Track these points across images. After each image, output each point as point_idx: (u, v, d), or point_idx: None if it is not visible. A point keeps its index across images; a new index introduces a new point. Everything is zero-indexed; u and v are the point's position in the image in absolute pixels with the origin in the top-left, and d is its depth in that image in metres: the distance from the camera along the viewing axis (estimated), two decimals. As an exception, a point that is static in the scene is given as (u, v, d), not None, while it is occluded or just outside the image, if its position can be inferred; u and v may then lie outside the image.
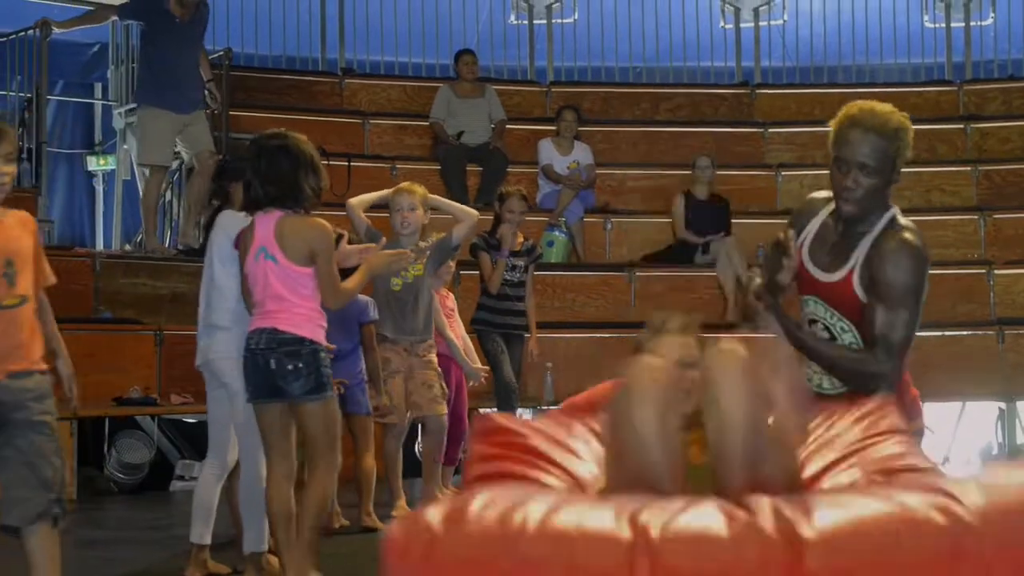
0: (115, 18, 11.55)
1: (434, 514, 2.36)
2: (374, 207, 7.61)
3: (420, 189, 7.48)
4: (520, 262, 8.86)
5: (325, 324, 5.10)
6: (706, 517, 2.36)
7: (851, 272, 4.18)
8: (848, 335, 4.18)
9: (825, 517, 2.31)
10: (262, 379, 5.00)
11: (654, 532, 2.30)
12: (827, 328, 4.20)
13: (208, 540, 5.65)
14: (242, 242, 5.18)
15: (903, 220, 4.25)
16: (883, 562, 2.26)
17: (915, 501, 2.35)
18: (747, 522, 2.33)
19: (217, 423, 5.65)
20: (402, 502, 7.40)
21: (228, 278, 5.45)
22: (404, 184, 7.64)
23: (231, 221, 5.52)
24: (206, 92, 10.77)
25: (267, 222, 5.04)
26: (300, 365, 4.94)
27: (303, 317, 4.99)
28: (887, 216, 4.24)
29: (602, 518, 2.34)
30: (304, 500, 5.03)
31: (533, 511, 2.35)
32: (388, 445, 7.37)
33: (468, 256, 8.92)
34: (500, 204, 8.94)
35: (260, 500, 5.33)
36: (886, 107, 4.27)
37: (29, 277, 4.67)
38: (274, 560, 5.45)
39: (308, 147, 5.13)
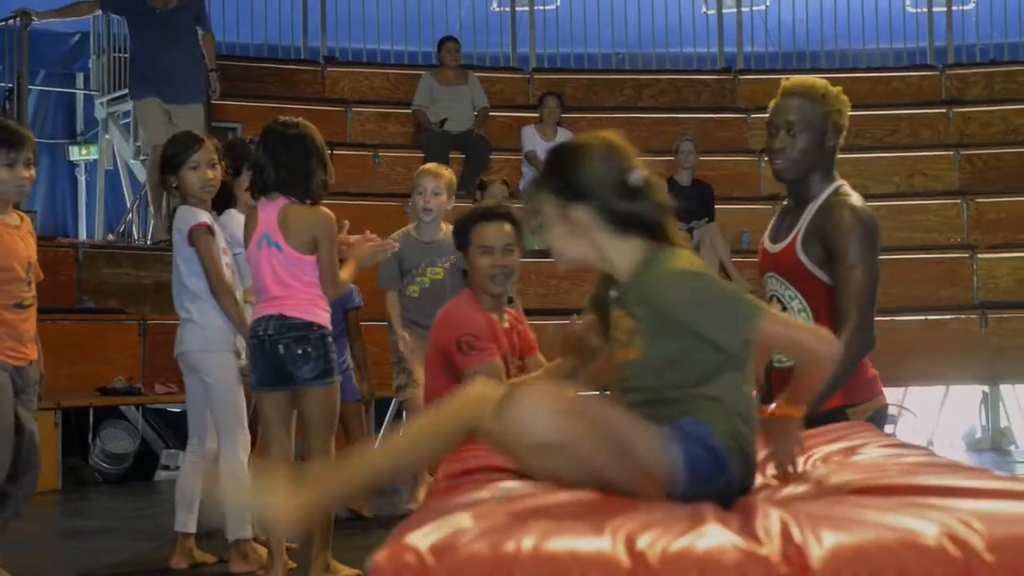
0: (98, 12, 11.52)
1: (422, 541, 2.25)
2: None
3: (447, 173, 7.19)
4: None
5: (329, 309, 5.14)
6: (708, 541, 2.27)
7: (795, 239, 4.23)
8: (796, 302, 4.22)
9: (836, 544, 2.22)
10: (271, 365, 5.02)
11: (652, 558, 2.21)
12: (780, 301, 4.24)
13: (193, 528, 5.65)
14: (245, 229, 5.21)
15: (849, 191, 4.27)
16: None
17: (930, 529, 2.26)
18: (752, 548, 2.24)
19: (195, 411, 5.68)
20: (423, 492, 7.19)
21: (191, 274, 5.51)
22: (430, 165, 7.35)
23: (184, 217, 5.57)
24: (207, 82, 10.70)
25: (271, 209, 5.06)
26: (309, 350, 5.00)
27: (309, 302, 5.03)
28: (832, 187, 4.28)
29: (598, 543, 2.25)
30: None
31: (526, 537, 2.26)
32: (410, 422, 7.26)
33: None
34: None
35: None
36: (817, 79, 4.32)
37: (36, 278, 5.09)
38: (260, 549, 5.46)
39: (321, 139, 5.18)
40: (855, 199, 4.23)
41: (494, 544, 2.25)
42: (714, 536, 2.30)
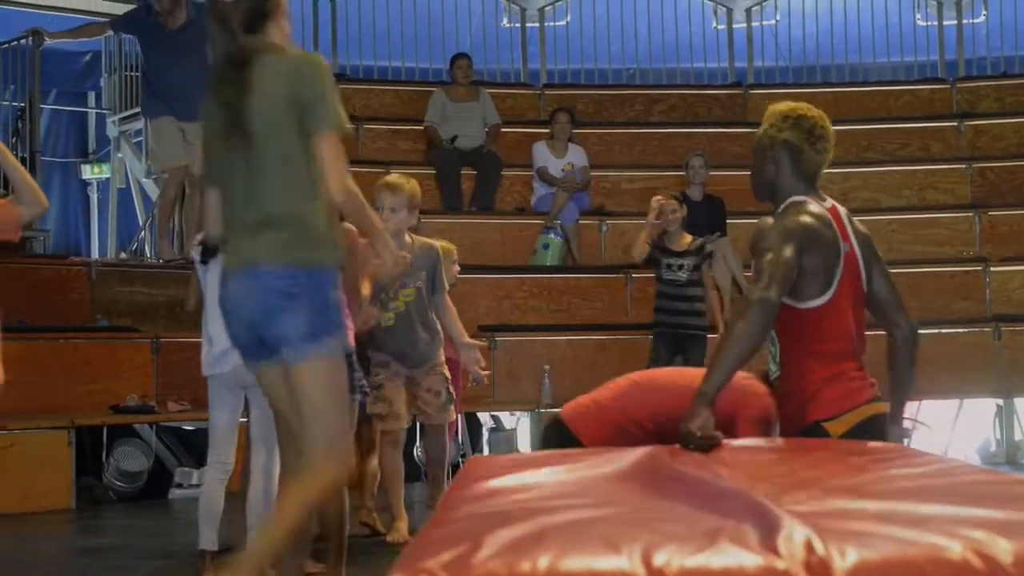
0: (109, 33, 11.57)
1: (437, 562, 2.26)
2: None
3: (408, 186, 6.51)
4: (685, 262, 9.18)
5: (352, 327, 5.13)
6: (727, 557, 2.26)
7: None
8: None
9: (860, 559, 2.22)
10: None
11: (671, 574, 2.21)
12: None
13: (216, 546, 5.64)
14: None
15: (799, 208, 4.30)
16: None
17: (955, 543, 2.27)
18: (772, 563, 2.23)
19: (227, 429, 5.66)
20: (403, 524, 6.72)
21: None
22: (391, 178, 6.71)
23: None
24: None
25: None
26: None
27: None
28: (785, 203, 4.35)
29: (615, 561, 2.24)
30: (323, 507, 5.04)
31: (542, 555, 2.26)
32: (386, 456, 6.79)
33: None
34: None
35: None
36: (780, 105, 4.44)
37: None
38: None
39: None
40: (791, 215, 4.26)
41: (509, 563, 2.25)
42: (733, 551, 2.28)
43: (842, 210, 4.46)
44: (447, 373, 6.94)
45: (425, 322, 6.76)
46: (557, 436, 5.41)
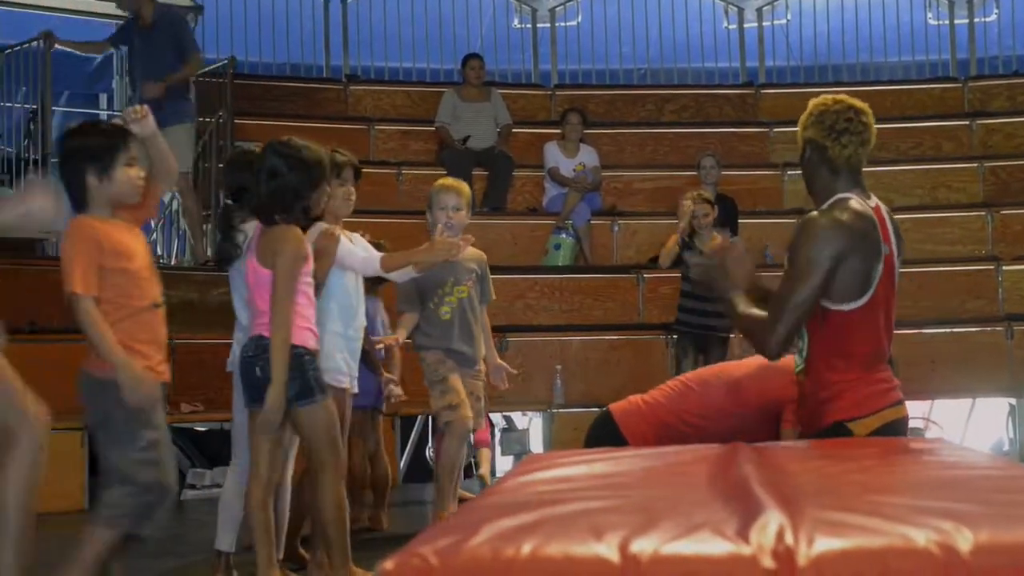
0: (110, 50, 11.63)
1: (429, 546, 2.40)
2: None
3: (466, 187, 6.78)
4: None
5: (310, 326, 4.96)
6: (699, 544, 2.37)
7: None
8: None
9: (826, 547, 2.32)
10: (254, 386, 4.91)
11: (644, 559, 2.31)
12: None
13: (233, 548, 5.63)
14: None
15: (845, 204, 4.30)
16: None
17: (920, 533, 2.35)
18: (740, 550, 2.33)
19: (244, 432, 5.65)
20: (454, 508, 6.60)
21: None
22: (449, 180, 6.89)
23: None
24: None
25: (259, 229, 5.05)
26: None
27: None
28: (829, 202, 4.36)
29: (593, 547, 2.37)
30: (319, 507, 5.02)
31: (527, 542, 2.41)
32: (453, 447, 6.59)
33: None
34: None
35: (285, 508, 5.40)
36: (820, 97, 4.55)
37: None
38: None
39: (310, 159, 4.99)
40: (823, 211, 4.28)
41: (495, 548, 2.39)
42: (707, 540, 2.39)
43: (884, 208, 4.45)
44: (484, 380, 6.89)
45: (478, 320, 6.77)
46: (603, 431, 5.46)
